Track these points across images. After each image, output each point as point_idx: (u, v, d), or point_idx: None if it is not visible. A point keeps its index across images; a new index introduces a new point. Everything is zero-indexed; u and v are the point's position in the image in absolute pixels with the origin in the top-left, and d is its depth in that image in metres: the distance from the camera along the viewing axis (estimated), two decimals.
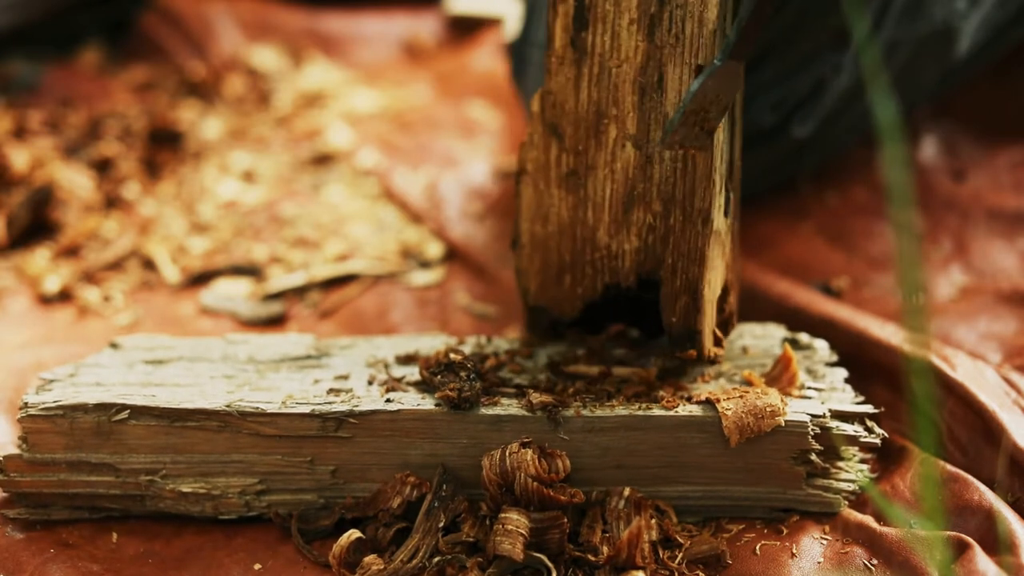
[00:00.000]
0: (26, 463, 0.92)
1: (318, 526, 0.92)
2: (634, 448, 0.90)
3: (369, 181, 1.56)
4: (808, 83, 1.20)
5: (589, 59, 0.92)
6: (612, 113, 0.92)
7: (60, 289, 1.31)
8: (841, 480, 0.92)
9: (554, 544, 0.86)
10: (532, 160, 0.97)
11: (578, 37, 0.92)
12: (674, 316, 0.94)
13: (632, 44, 0.91)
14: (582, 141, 0.94)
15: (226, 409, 0.90)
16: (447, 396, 0.89)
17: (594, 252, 0.96)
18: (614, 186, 0.94)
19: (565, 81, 0.94)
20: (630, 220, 0.94)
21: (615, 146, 0.93)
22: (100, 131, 1.66)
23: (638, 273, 0.95)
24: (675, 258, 0.93)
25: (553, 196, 0.96)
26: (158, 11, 2.01)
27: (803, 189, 1.36)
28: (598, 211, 0.95)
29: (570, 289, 0.98)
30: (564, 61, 0.93)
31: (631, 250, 0.95)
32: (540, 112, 0.95)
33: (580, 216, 0.96)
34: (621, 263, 0.96)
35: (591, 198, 0.95)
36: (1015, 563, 0.82)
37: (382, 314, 1.26)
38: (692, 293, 0.93)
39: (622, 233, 0.95)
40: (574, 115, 0.94)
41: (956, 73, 1.35)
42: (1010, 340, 1.08)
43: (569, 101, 0.94)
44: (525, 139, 0.97)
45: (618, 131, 0.93)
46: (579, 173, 0.95)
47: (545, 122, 0.95)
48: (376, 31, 2.07)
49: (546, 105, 0.95)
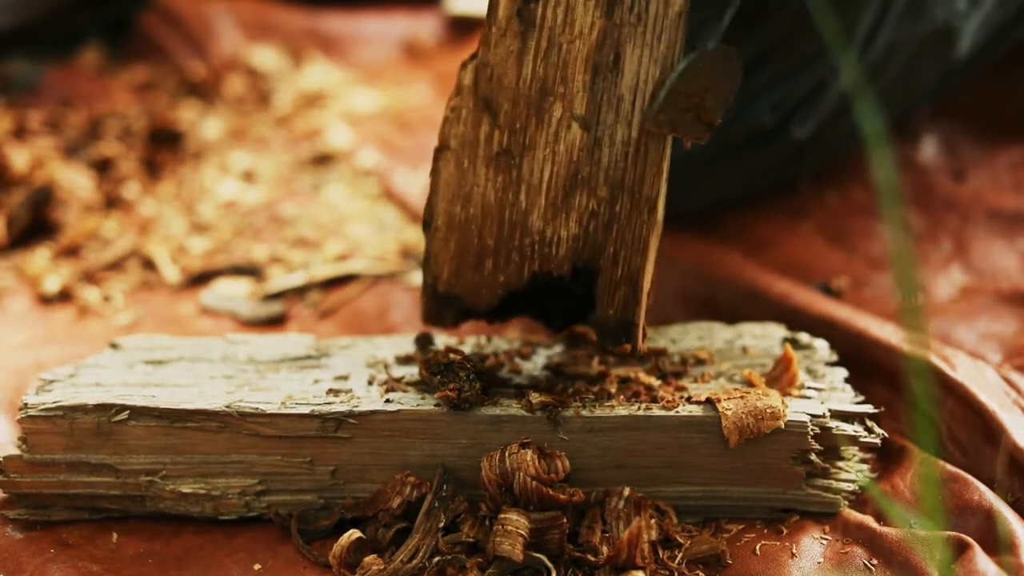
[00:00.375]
0: (26, 464, 0.92)
1: (318, 526, 0.92)
2: (634, 448, 0.90)
3: (369, 181, 1.56)
4: (808, 84, 1.20)
5: (537, 32, 0.86)
6: (559, 91, 0.87)
7: (60, 289, 1.31)
8: (841, 480, 0.92)
9: (554, 544, 0.86)
10: (457, 136, 0.90)
11: (526, 8, 0.86)
12: (611, 308, 0.91)
13: (588, 20, 0.85)
14: (520, 119, 0.88)
15: (226, 410, 0.90)
16: (447, 396, 0.89)
17: (524, 237, 0.91)
18: (555, 168, 0.89)
19: (506, 54, 0.87)
20: (570, 205, 0.89)
21: (559, 126, 0.88)
22: (100, 131, 1.66)
23: (573, 262, 0.91)
24: (617, 247, 0.89)
25: (479, 176, 0.90)
26: (158, 11, 2.01)
27: (803, 189, 1.36)
28: (533, 194, 0.90)
29: (491, 276, 0.93)
30: (507, 33, 0.87)
31: (568, 237, 0.90)
32: (472, 85, 0.88)
33: (510, 199, 0.90)
34: (555, 250, 0.91)
35: (525, 180, 0.90)
36: (1015, 563, 0.82)
37: (382, 314, 1.26)
38: (632, 284, 0.90)
39: (559, 218, 0.90)
40: (513, 91, 0.88)
41: (956, 73, 1.35)
42: (1010, 340, 1.08)
43: (509, 75, 0.87)
44: (448, 113, 0.90)
45: (564, 110, 0.87)
46: (513, 152, 0.89)
47: (478, 96, 0.88)
48: (376, 31, 2.07)
49: (480, 78, 0.88)
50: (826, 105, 1.22)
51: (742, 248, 1.26)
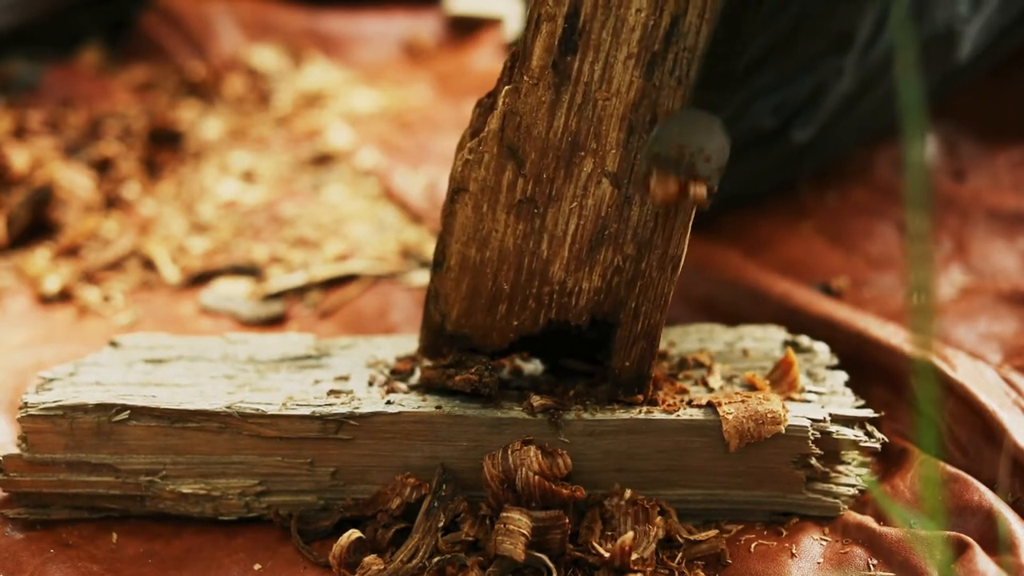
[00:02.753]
0: (26, 463, 0.92)
1: (318, 527, 0.92)
2: (635, 451, 0.90)
3: (369, 181, 1.56)
4: (808, 87, 1.20)
5: (572, 86, 0.85)
6: (591, 146, 0.86)
7: (60, 289, 1.31)
8: (841, 484, 0.92)
9: (555, 544, 0.86)
10: (477, 180, 0.89)
11: (562, 60, 0.84)
12: (627, 360, 0.91)
13: (627, 79, 0.84)
14: (548, 170, 0.87)
15: (227, 410, 0.90)
16: (468, 379, 0.88)
17: (543, 286, 0.90)
18: (581, 222, 0.88)
19: (537, 104, 0.85)
20: (595, 259, 0.89)
21: (588, 181, 0.87)
22: (100, 131, 1.66)
23: (593, 313, 0.91)
24: (639, 302, 0.89)
25: (499, 221, 0.89)
26: (158, 11, 2.01)
27: (803, 190, 1.36)
28: (556, 245, 0.89)
29: (503, 320, 0.92)
30: (540, 83, 0.85)
31: (590, 289, 0.90)
32: (499, 131, 0.87)
33: (531, 247, 0.89)
34: (575, 301, 0.91)
35: (548, 230, 0.89)
36: (1015, 563, 0.82)
37: (382, 314, 1.26)
38: (650, 338, 0.90)
39: (582, 271, 0.89)
40: (542, 141, 0.86)
41: (957, 76, 1.35)
42: (1010, 340, 1.08)
43: (539, 126, 0.86)
44: (467, 155, 0.89)
45: (595, 166, 0.86)
46: (537, 202, 0.88)
47: (503, 143, 0.87)
48: (376, 31, 2.07)
49: (508, 125, 0.87)
50: (827, 108, 1.22)
51: (742, 248, 1.26)
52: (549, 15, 0.83)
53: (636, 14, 0.82)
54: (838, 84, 1.20)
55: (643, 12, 0.82)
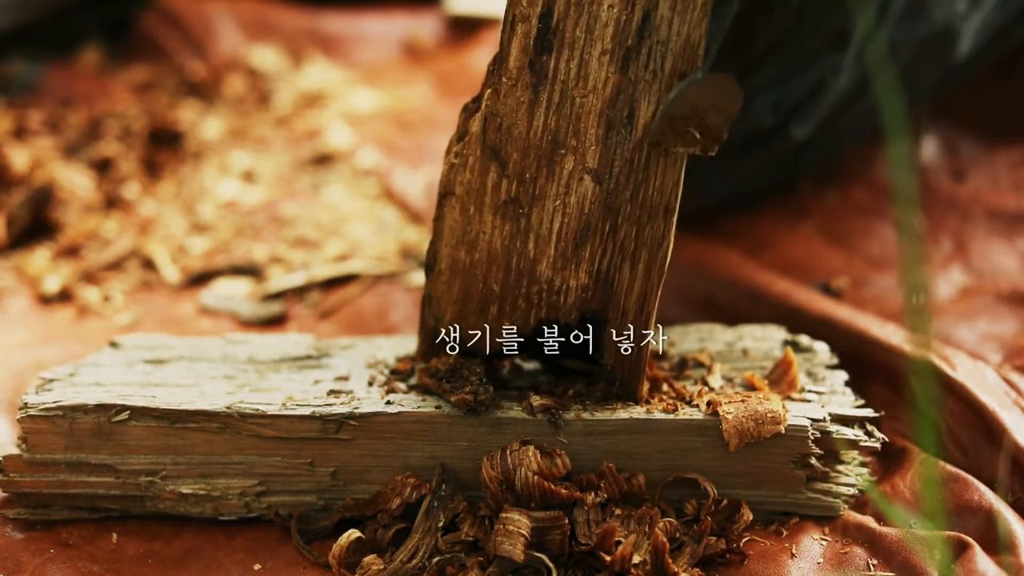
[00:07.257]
0: (26, 463, 0.92)
1: (318, 527, 0.92)
2: (634, 451, 0.90)
3: (369, 181, 1.56)
4: (807, 84, 1.20)
5: (549, 85, 0.84)
6: (571, 144, 0.86)
7: (60, 289, 1.31)
8: (841, 484, 0.92)
9: (555, 544, 0.86)
10: (463, 183, 0.89)
11: (538, 60, 0.84)
12: (616, 357, 0.91)
13: (602, 75, 0.84)
14: (530, 170, 0.87)
15: (226, 411, 0.90)
16: (464, 400, 0.89)
17: (532, 285, 0.90)
18: (565, 220, 0.88)
19: (516, 105, 0.85)
20: (580, 256, 0.89)
21: (571, 179, 0.86)
22: (100, 131, 1.66)
23: (581, 311, 0.91)
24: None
25: (486, 223, 0.89)
26: (158, 11, 2.01)
27: (803, 189, 1.36)
28: (542, 244, 0.89)
29: (495, 321, 0.92)
30: (518, 83, 0.85)
31: (577, 286, 0.90)
32: (480, 133, 0.87)
33: (518, 247, 0.89)
34: (563, 299, 0.90)
35: (534, 229, 0.88)
36: (1015, 563, 0.82)
37: (382, 314, 1.26)
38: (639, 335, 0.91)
39: (568, 268, 0.89)
40: (523, 141, 0.86)
41: (956, 74, 1.35)
42: (1010, 340, 1.08)
43: (519, 126, 0.86)
44: (453, 160, 0.89)
45: (576, 163, 0.86)
46: (522, 202, 0.88)
47: (485, 145, 0.87)
48: (376, 31, 2.07)
49: (489, 127, 0.87)
50: (826, 105, 1.22)
51: (742, 248, 1.26)
52: (523, 16, 0.83)
53: (608, 10, 0.82)
54: (836, 81, 1.20)
55: (615, 7, 0.82)
